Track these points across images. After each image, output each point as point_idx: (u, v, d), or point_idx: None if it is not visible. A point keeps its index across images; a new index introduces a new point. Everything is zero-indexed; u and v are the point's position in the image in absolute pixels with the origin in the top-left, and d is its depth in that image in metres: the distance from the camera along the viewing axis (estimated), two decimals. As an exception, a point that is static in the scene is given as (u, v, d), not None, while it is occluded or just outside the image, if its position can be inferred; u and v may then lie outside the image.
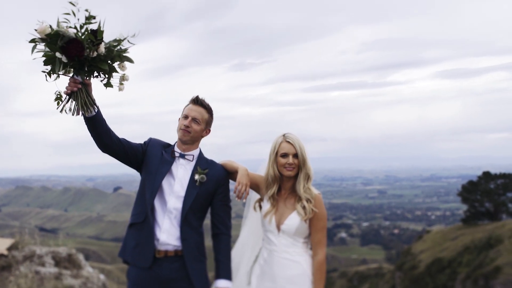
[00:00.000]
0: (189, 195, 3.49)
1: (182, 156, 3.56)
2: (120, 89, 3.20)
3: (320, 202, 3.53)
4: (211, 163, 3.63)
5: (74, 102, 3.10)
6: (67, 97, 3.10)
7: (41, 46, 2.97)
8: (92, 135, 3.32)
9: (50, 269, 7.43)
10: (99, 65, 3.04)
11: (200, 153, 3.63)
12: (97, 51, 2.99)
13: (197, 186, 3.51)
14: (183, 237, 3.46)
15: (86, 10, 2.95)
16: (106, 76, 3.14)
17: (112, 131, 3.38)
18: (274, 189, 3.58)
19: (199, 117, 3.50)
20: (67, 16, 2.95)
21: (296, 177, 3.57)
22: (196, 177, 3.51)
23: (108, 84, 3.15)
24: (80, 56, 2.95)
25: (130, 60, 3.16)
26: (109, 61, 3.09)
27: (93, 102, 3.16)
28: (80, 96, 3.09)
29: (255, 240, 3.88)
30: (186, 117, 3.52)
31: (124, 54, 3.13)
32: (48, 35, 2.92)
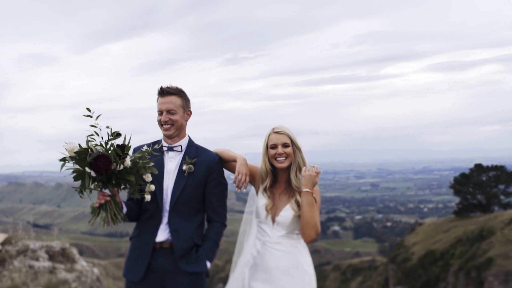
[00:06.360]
0: (177, 186, 3.46)
1: (170, 149, 3.52)
2: (146, 199, 3.38)
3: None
4: (202, 150, 3.58)
5: (104, 213, 3.29)
6: (98, 210, 3.28)
7: (70, 164, 3.21)
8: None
9: (44, 263, 7.41)
10: (125, 177, 3.22)
11: (190, 141, 3.58)
12: (123, 164, 3.19)
13: (185, 177, 3.48)
14: (173, 228, 3.44)
15: (107, 127, 3.17)
16: (132, 187, 3.33)
17: (138, 209, 3.55)
18: (267, 182, 3.55)
19: (173, 107, 3.44)
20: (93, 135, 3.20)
21: (289, 169, 3.55)
22: (184, 167, 3.48)
23: (133, 194, 3.32)
24: (107, 170, 3.14)
25: (154, 171, 3.35)
26: (134, 173, 3.29)
27: (121, 211, 3.35)
28: (109, 208, 3.27)
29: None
30: (161, 112, 3.47)
31: (148, 166, 3.32)
32: (77, 152, 3.15)
